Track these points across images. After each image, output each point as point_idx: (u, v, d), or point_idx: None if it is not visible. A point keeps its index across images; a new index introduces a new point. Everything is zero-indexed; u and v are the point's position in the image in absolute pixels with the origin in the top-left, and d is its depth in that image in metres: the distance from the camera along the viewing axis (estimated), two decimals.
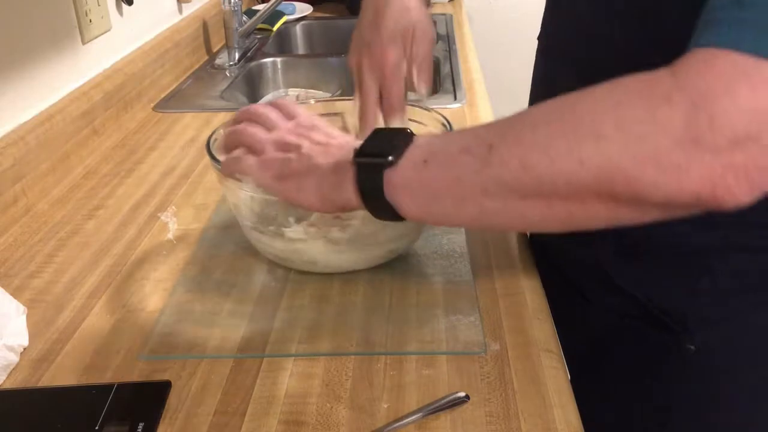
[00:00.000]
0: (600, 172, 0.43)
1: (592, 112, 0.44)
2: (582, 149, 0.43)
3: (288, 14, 1.82)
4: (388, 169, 0.51)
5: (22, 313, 0.64)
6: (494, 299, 0.67)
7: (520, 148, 0.46)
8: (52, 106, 0.98)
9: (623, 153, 0.42)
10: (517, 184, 0.46)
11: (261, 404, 0.56)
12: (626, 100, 0.43)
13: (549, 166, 0.44)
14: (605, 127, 0.43)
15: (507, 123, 0.48)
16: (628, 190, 0.43)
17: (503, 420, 0.53)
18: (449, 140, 0.51)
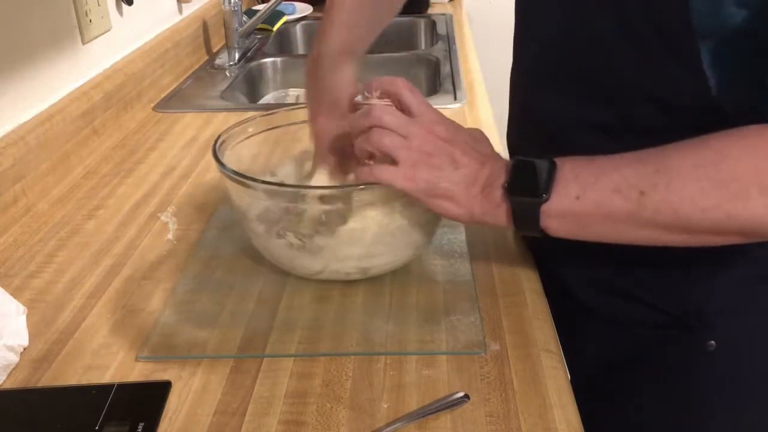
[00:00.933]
0: (746, 224, 0.51)
1: (736, 173, 0.50)
2: (731, 206, 0.50)
3: (288, 14, 1.82)
4: (543, 205, 0.55)
5: (22, 313, 0.64)
6: (494, 299, 0.67)
7: (672, 199, 0.52)
8: (52, 106, 0.98)
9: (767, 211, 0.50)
10: (668, 225, 0.53)
11: (261, 404, 0.56)
12: (764, 166, 0.50)
13: (700, 217, 0.51)
14: (751, 189, 0.50)
15: (653, 168, 0.53)
16: (764, 234, 0.52)
17: (503, 420, 0.53)
18: (596, 176, 0.55)
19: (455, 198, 0.59)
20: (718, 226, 0.52)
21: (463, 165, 0.58)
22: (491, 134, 1.06)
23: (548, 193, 0.55)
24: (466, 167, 0.58)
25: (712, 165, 0.51)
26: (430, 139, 0.59)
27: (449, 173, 0.58)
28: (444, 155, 0.59)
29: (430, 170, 0.58)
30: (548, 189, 0.55)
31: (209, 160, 1.01)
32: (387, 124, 0.59)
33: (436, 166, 0.58)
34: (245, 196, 0.66)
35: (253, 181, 0.64)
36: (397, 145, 0.59)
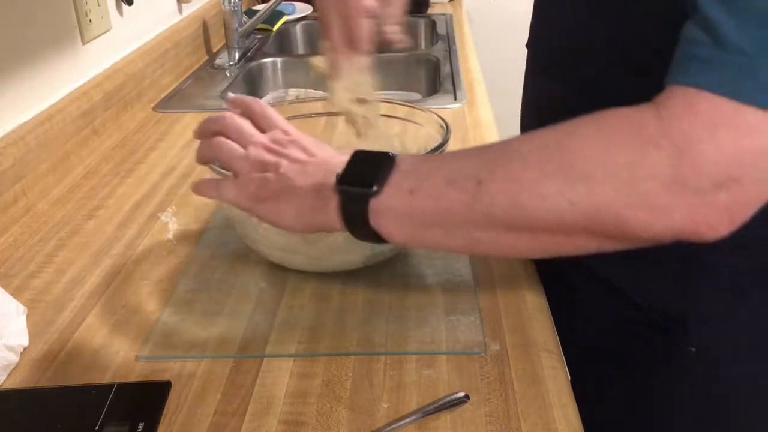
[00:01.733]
0: (590, 212, 0.45)
1: (581, 153, 0.45)
2: (573, 191, 0.45)
3: (288, 14, 1.82)
4: (372, 199, 0.51)
5: (22, 313, 0.64)
6: (494, 299, 0.67)
7: (509, 186, 0.47)
8: (52, 106, 0.98)
9: (613, 196, 0.44)
10: (506, 219, 0.47)
11: (261, 404, 0.56)
12: (614, 144, 0.44)
13: (539, 205, 0.46)
14: (596, 171, 0.44)
15: (494, 156, 0.49)
16: (617, 229, 0.46)
17: (503, 420, 0.53)
18: (434, 168, 0.51)
19: (282, 199, 0.54)
20: (561, 219, 0.46)
21: (298, 161, 0.55)
22: (491, 134, 1.07)
23: (380, 185, 0.50)
24: (299, 165, 0.54)
25: (558, 146, 0.46)
26: (269, 147, 0.56)
27: (282, 171, 0.54)
28: (279, 157, 0.55)
29: (260, 176, 0.55)
30: (381, 182, 0.50)
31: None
32: (231, 132, 0.57)
33: (269, 168, 0.55)
34: None
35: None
36: (236, 155, 0.56)
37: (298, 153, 0.56)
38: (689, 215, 0.44)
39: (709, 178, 0.43)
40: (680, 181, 0.43)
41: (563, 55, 0.67)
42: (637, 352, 0.72)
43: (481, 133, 1.07)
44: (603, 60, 0.62)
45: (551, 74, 0.70)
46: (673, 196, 0.43)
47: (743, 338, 0.68)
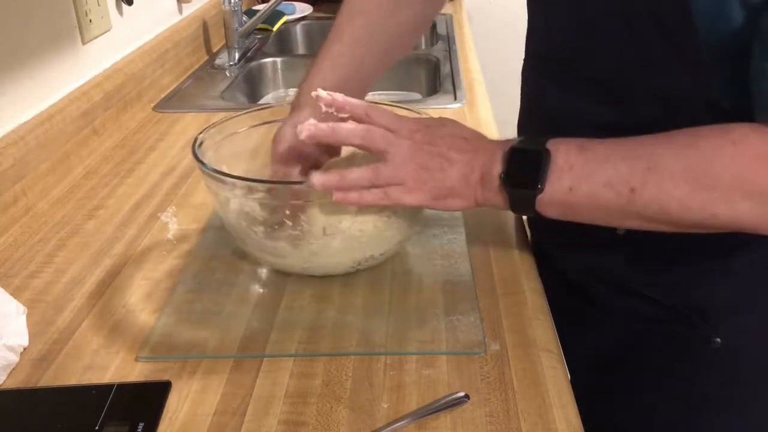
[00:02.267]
0: (728, 223, 0.54)
1: (723, 175, 0.53)
2: (716, 208, 0.53)
3: (288, 14, 1.82)
4: (538, 196, 0.57)
5: (22, 313, 0.64)
6: (494, 299, 0.67)
7: (660, 197, 0.54)
8: (52, 106, 0.98)
9: (751, 214, 0.53)
10: (654, 219, 0.56)
11: (261, 404, 0.56)
12: (751, 170, 0.52)
13: (685, 215, 0.54)
14: (736, 191, 0.52)
15: (645, 165, 0.55)
16: (753, 231, 0.55)
17: (503, 420, 0.53)
18: (591, 167, 0.56)
19: (459, 194, 0.60)
20: (702, 223, 0.55)
21: (457, 160, 0.60)
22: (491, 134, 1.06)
23: (543, 184, 0.57)
24: (459, 162, 0.60)
25: (701, 169, 0.53)
26: (417, 149, 0.60)
27: (448, 173, 0.60)
28: (436, 158, 0.60)
29: (430, 178, 0.60)
30: (543, 181, 0.57)
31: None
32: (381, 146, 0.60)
33: (435, 170, 0.59)
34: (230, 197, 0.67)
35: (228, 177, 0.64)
36: (393, 173, 0.59)
37: (449, 145, 0.60)
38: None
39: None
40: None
41: (559, 56, 0.68)
42: (661, 351, 0.72)
43: None
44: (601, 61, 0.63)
45: (548, 76, 0.70)
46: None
47: (763, 329, 0.69)
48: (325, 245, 0.66)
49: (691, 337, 0.69)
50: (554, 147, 0.57)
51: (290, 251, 0.67)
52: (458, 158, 0.60)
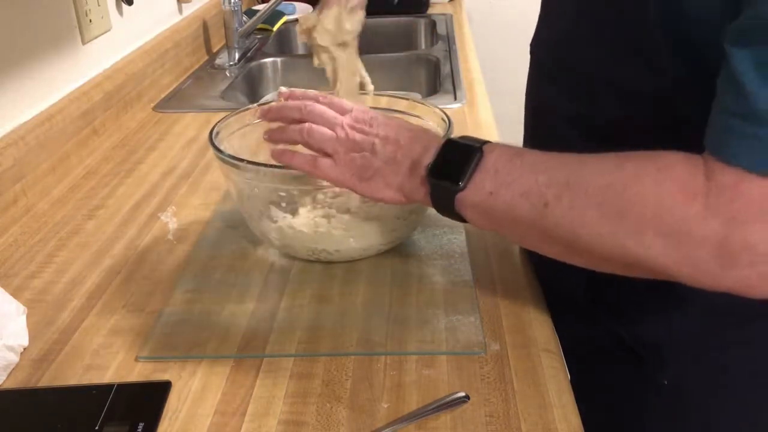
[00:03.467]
0: (639, 258, 0.49)
1: (639, 203, 0.47)
2: (627, 239, 0.48)
3: (288, 14, 1.82)
4: (458, 192, 0.55)
5: (22, 313, 0.64)
6: (494, 299, 0.67)
7: (572, 216, 0.50)
8: (52, 106, 0.98)
9: (663, 253, 0.47)
10: (567, 242, 0.52)
11: (261, 404, 0.56)
12: (668, 204, 0.46)
13: (595, 241, 0.50)
14: (649, 225, 0.47)
15: (565, 179, 0.51)
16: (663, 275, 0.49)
17: (503, 420, 0.53)
18: (514, 175, 0.54)
19: (385, 178, 0.59)
20: (614, 256, 0.50)
21: (390, 143, 0.59)
22: (491, 134, 1.07)
23: (465, 182, 0.55)
24: (393, 145, 0.59)
25: (619, 191, 0.49)
26: (354, 127, 0.60)
27: (378, 154, 0.59)
28: (372, 137, 0.59)
29: (358, 155, 0.59)
30: (467, 179, 0.55)
31: (209, 160, 1.01)
32: (316, 118, 0.62)
33: (365, 149, 0.59)
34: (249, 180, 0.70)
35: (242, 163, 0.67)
36: (327, 138, 0.61)
37: (387, 130, 0.60)
38: (738, 281, 0.46)
39: (758, 254, 0.44)
40: (729, 254, 0.45)
41: (564, 61, 0.67)
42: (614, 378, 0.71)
43: (481, 134, 1.07)
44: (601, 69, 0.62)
45: (552, 78, 0.70)
46: (722, 265, 0.45)
47: (714, 374, 0.66)
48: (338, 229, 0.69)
49: (640, 370, 0.67)
50: (489, 149, 0.55)
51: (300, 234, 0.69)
52: (392, 141, 0.59)
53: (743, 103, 0.43)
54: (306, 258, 0.73)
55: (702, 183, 0.46)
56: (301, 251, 0.73)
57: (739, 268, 0.45)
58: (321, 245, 0.71)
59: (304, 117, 0.63)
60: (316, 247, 0.71)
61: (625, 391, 0.70)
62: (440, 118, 0.75)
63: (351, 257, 0.73)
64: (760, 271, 0.45)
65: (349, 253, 0.72)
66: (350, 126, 0.61)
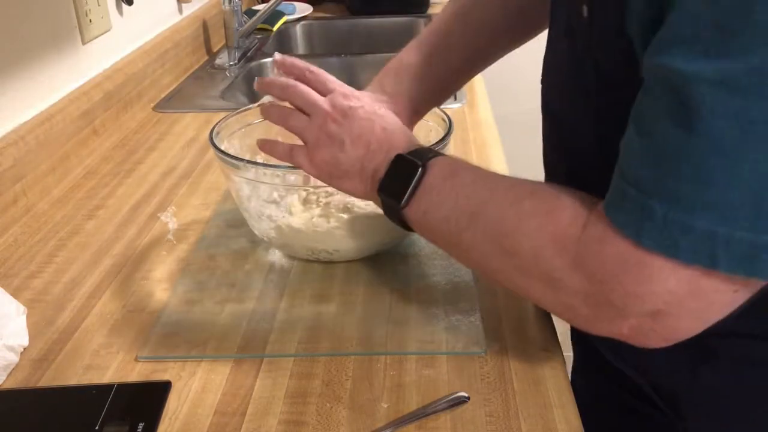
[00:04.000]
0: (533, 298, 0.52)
1: (522, 247, 0.49)
2: (514, 279, 0.51)
3: (288, 14, 1.82)
4: (402, 209, 0.57)
5: (22, 313, 0.64)
6: (494, 299, 0.67)
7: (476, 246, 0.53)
8: (52, 106, 0.98)
9: (544, 295, 0.50)
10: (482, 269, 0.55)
11: (261, 404, 0.56)
12: (544, 252, 0.48)
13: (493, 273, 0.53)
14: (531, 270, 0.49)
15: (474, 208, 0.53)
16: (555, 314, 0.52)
17: (503, 420, 0.53)
18: (444, 196, 0.55)
19: (353, 179, 0.60)
20: (514, 291, 0.53)
21: (361, 144, 0.59)
22: (491, 134, 1.07)
23: (407, 201, 0.56)
24: (360, 150, 0.59)
25: (509, 231, 0.50)
26: (331, 119, 0.60)
27: (346, 155, 0.60)
28: (344, 135, 0.60)
29: (329, 152, 0.60)
30: (408, 197, 0.56)
31: (209, 160, 1.01)
32: (296, 99, 0.62)
33: (336, 147, 0.60)
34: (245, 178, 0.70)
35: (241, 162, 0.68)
36: (302, 126, 0.62)
37: (361, 126, 0.60)
38: (613, 330, 0.47)
39: (625, 310, 0.45)
40: (596, 304, 0.46)
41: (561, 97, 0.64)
42: (634, 418, 0.69)
43: (481, 133, 1.07)
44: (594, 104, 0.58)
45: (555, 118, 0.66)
46: (593, 313, 0.47)
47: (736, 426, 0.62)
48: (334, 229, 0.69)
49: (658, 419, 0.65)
50: (432, 164, 0.56)
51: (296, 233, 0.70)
52: (363, 144, 0.59)
53: (622, 153, 0.44)
54: (306, 258, 0.73)
55: (577, 235, 0.46)
56: (300, 251, 0.73)
57: (609, 320, 0.46)
58: (320, 245, 0.71)
59: (287, 97, 0.63)
60: (315, 247, 0.71)
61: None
62: (440, 118, 0.75)
63: (350, 257, 0.73)
64: (630, 324, 0.45)
65: (348, 253, 0.72)
66: (326, 114, 0.61)
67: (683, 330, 0.45)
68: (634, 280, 0.43)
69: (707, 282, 0.41)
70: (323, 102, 0.61)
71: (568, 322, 0.52)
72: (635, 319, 0.45)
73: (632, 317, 0.45)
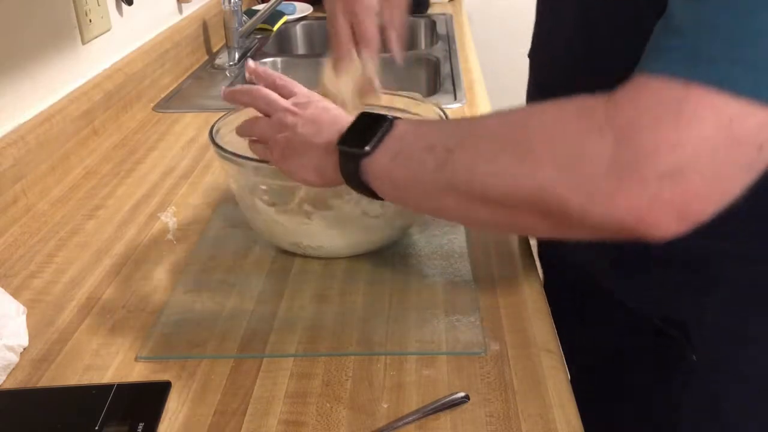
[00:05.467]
0: (534, 191, 0.47)
1: (536, 133, 0.47)
2: (520, 167, 0.47)
3: (288, 14, 1.82)
4: (364, 159, 0.55)
5: (22, 313, 0.64)
6: (494, 299, 0.67)
7: (471, 157, 0.50)
8: (52, 106, 0.98)
9: (555, 177, 0.45)
10: (465, 188, 0.51)
11: (261, 404, 0.56)
12: (565, 127, 0.46)
13: (491, 180, 0.49)
14: (543, 151, 0.46)
15: (470, 127, 0.53)
16: (560, 211, 0.46)
17: (503, 420, 0.53)
18: (420, 134, 0.54)
19: (302, 157, 0.61)
20: (509, 194, 0.48)
21: (313, 122, 0.61)
22: None
23: (373, 148, 0.55)
24: (314, 125, 0.61)
25: (518, 123, 0.49)
26: (288, 111, 0.63)
27: (299, 133, 0.61)
28: (296, 120, 0.62)
29: (283, 137, 0.62)
30: (375, 144, 0.55)
31: (209, 160, 1.01)
32: (260, 102, 0.65)
33: (289, 129, 0.61)
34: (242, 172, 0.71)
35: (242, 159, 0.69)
36: (263, 126, 0.64)
37: (314, 112, 0.62)
38: (631, 206, 0.43)
39: (650, 168, 0.42)
40: (621, 168, 0.43)
41: (560, 70, 0.67)
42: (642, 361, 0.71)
43: None
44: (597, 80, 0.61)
45: (548, 87, 0.69)
46: (614, 182, 0.43)
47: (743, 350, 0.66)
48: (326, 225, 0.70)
49: (668, 352, 0.67)
50: (400, 122, 0.56)
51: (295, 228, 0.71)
52: (315, 122, 0.61)
53: (666, 15, 0.43)
54: (294, 251, 0.74)
55: (602, 102, 0.45)
56: (287, 245, 0.74)
57: (630, 188, 0.43)
58: (305, 240, 0.72)
59: (252, 102, 0.66)
60: (300, 242, 0.72)
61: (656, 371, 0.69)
62: (438, 116, 0.75)
63: (337, 254, 0.73)
64: (651, 193, 0.42)
65: (334, 249, 0.73)
66: (284, 109, 0.63)
67: (699, 202, 0.43)
68: (672, 120, 0.41)
69: (742, 127, 0.40)
70: (283, 101, 0.64)
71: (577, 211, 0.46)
72: (656, 184, 0.42)
73: (653, 183, 0.42)
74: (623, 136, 0.43)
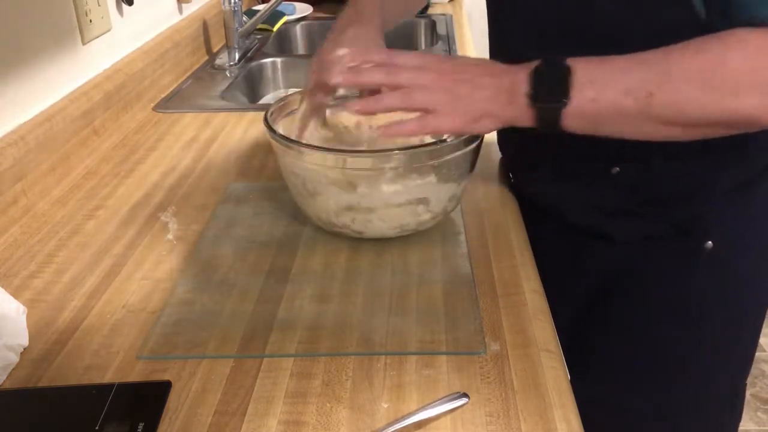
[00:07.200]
0: (735, 116, 0.58)
1: (733, 75, 0.57)
2: (726, 102, 0.57)
3: (288, 14, 1.82)
4: (563, 109, 0.61)
5: (22, 313, 0.64)
6: (494, 299, 0.67)
7: (677, 99, 0.58)
8: (52, 106, 0.98)
9: (758, 105, 0.57)
10: (670, 120, 0.60)
11: (261, 404, 0.56)
12: (757, 65, 0.56)
13: (699, 114, 0.59)
14: (747, 84, 0.57)
15: (662, 70, 0.59)
16: (749, 126, 0.60)
17: (503, 420, 0.53)
18: (609, 79, 0.60)
19: (491, 114, 0.65)
20: (713, 120, 0.59)
21: (484, 85, 0.64)
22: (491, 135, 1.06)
23: (568, 97, 0.60)
24: (487, 86, 0.64)
25: (712, 69, 0.57)
26: (445, 78, 0.65)
27: (477, 96, 0.64)
28: (466, 84, 0.64)
29: (461, 103, 0.64)
30: (568, 94, 0.60)
31: (209, 160, 1.01)
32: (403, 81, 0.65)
33: (465, 95, 0.64)
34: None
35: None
36: (426, 98, 0.65)
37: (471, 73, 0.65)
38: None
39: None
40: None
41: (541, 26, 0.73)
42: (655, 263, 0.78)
43: None
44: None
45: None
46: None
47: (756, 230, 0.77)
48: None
49: (685, 245, 0.74)
50: (574, 63, 0.61)
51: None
52: (485, 82, 0.64)
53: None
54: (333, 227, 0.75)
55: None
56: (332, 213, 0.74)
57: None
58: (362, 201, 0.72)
59: (390, 81, 0.66)
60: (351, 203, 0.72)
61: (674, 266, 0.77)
62: None
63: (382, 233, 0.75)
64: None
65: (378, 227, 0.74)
66: (434, 80, 0.65)
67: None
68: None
69: None
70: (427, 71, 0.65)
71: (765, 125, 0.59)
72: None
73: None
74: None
